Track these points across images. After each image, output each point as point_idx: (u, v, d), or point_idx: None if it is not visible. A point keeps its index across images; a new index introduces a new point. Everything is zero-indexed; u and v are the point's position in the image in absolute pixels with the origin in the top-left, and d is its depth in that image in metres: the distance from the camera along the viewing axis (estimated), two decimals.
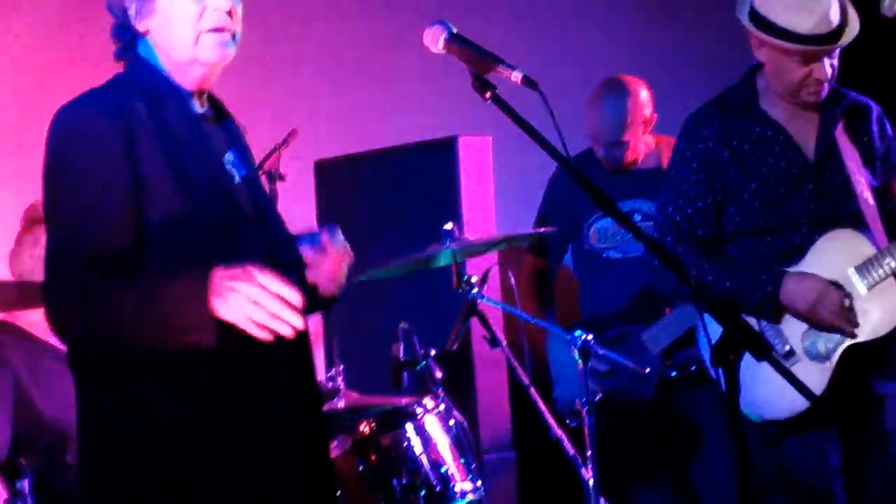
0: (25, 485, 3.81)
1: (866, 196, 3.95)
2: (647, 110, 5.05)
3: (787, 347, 3.89)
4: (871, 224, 3.93)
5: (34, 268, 3.90)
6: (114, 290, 2.68)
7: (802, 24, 3.82)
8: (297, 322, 2.61)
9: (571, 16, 6.73)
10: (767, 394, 3.64)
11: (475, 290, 4.18)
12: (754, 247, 3.97)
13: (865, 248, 3.90)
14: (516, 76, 2.85)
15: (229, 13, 2.90)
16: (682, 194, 4.03)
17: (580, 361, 4.02)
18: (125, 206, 2.74)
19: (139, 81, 2.90)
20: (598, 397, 4.13)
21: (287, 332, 2.61)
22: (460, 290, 4.19)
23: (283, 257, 2.91)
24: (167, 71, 2.91)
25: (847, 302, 3.86)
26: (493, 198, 5.43)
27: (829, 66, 3.89)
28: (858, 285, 3.88)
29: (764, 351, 2.70)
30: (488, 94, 2.86)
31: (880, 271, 3.86)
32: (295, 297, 2.60)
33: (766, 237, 3.96)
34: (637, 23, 6.88)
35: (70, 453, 3.88)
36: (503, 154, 5.53)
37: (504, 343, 4.21)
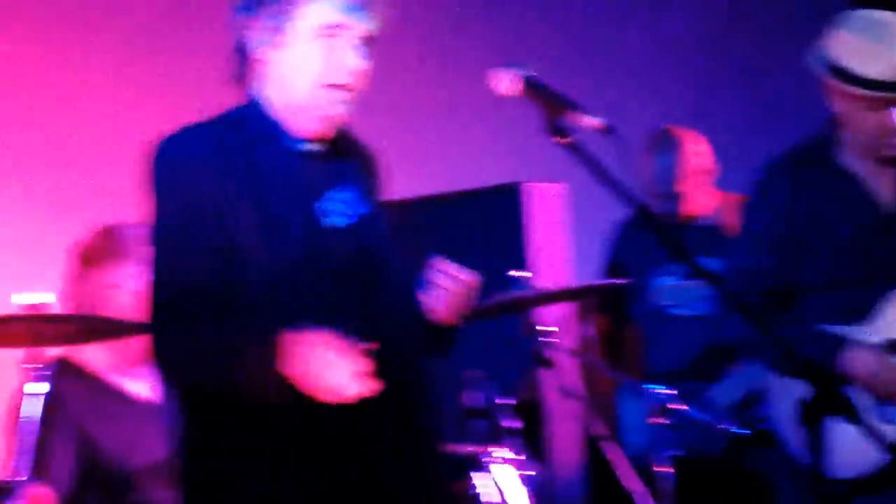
0: None
1: None
2: (702, 161, 5.01)
3: None
4: None
5: (94, 304, 3.91)
6: (203, 338, 2.75)
7: (878, 69, 3.76)
8: (357, 389, 2.66)
9: (638, 68, 6.69)
10: (839, 452, 3.50)
11: (550, 339, 4.14)
12: (827, 301, 3.88)
13: None
14: (594, 122, 2.77)
15: (356, 73, 2.87)
16: (753, 247, 3.95)
17: (657, 416, 4.01)
18: (217, 245, 2.77)
19: (243, 121, 2.89)
20: (676, 453, 4.09)
21: (350, 397, 2.67)
22: (533, 339, 4.16)
23: (382, 304, 2.90)
24: (278, 109, 2.89)
25: None
26: (565, 246, 5.36)
27: None
28: None
29: (855, 412, 2.66)
30: (566, 140, 2.78)
31: None
32: (360, 365, 2.65)
33: (839, 292, 3.88)
34: (709, 77, 6.82)
35: (133, 492, 3.88)
36: (583, 202, 5.48)
37: (580, 394, 4.18)
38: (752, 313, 3.07)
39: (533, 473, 4.13)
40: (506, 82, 2.87)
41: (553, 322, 4.19)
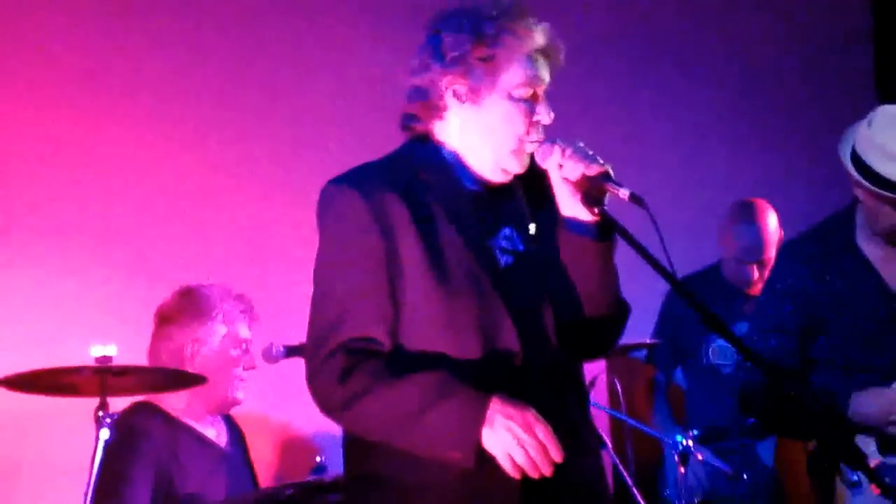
0: None
1: None
2: (778, 230, 5.17)
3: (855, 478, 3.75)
4: None
5: (168, 361, 4.21)
6: (380, 385, 2.71)
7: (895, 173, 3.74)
8: (547, 472, 2.64)
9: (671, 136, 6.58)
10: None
11: None
12: (837, 382, 3.87)
13: None
14: (624, 193, 2.72)
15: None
16: (770, 325, 3.93)
17: (680, 464, 4.17)
18: (380, 293, 2.75)
19: (417, 162, 2.86)
20: (696, 500, 4.24)
21: (536, 476, 2.65)
22: None
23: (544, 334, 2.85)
24: (458, 153, 2.87)
25: None
26: None
27: None
28: None
29: (860, 460, 2.82)
30: (596, 211, 2.78)
31: None
32: (556, 452, 2.63)
33: (849, 373, 3.87)
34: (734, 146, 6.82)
35: None
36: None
37: (609, 446, 4.30)
38: (776, 380, 3.15)
39: None
40: (543, 155, 2.83)
41: (588, 377, 4.30)
